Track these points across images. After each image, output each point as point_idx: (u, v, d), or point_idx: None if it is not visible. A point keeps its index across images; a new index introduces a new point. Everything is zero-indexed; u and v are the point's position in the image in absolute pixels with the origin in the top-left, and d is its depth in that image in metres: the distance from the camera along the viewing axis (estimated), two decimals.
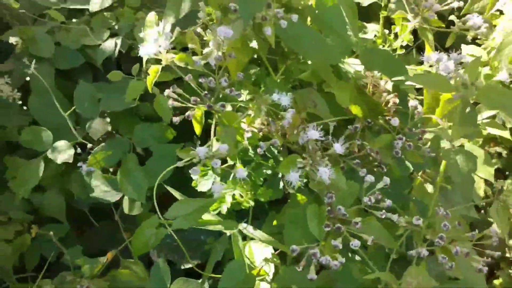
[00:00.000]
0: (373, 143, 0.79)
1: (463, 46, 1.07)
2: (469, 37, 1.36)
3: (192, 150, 0.66)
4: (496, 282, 1.42)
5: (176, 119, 0.74)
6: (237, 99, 0.71)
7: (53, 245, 1.09)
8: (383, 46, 0.99)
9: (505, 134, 1.07)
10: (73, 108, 1.02)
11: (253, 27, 0.75)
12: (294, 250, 0.63)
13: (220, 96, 0.74)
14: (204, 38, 0.81)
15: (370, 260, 0.81)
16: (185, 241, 1.06)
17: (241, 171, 0.66)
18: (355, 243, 0.61)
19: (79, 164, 1.03)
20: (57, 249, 1.09)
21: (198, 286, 0.90)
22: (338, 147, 0.62)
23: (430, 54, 0.86)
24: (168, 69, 0.82)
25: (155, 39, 0.76)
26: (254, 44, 0.82)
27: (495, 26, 1.08)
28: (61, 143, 0.98)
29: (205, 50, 0.78)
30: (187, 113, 0.73)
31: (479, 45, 1.01)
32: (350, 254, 0.80)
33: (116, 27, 1.10)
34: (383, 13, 1.01)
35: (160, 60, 0.79)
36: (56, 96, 1.05)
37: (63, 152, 0.97)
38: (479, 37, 1.07)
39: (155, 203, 0.69)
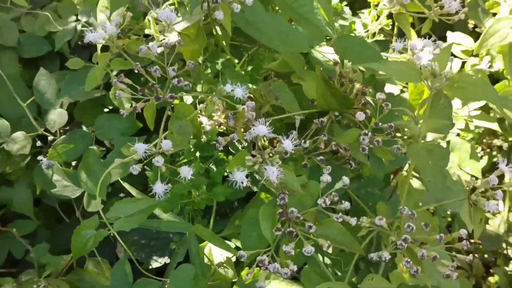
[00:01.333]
0: (340, 138, 0.73)
1: (449, 33, 1.01)
2: (470, 25, 1.29)
3: (131, 146, 0.60)
4: (492, 279, 1.36)
5: (123, 112, 0.69)
6: (185, 90, 0.66)
7: (21, 242, 1.05)
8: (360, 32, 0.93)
9: (494, 126, 1.01)
10: (32, 98, 0.97)
11: (209, 13, 0.69)
12: (242, 255, 0.58)
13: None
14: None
15: (337, 264, 0.76)
16: (154, 239, 1.03)
17: (186, 171, 0.60)
18: (308, 249, 0.56)
19: (39, 157, 0.98)
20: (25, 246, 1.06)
21: (158, 286, 0.86)
22: (288, 144, 0.56)
23: (396, 42, 0.80)
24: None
25: (103, 24, 0.70)
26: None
27: (495, 14, 1.02)
28: (18, 135, 0.93)
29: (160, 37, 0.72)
30: (134, 105, 0.67)
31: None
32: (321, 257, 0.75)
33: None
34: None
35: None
36: (19, 86, 1.00)
37: (19, 144, 0.92)
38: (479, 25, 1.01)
39: (98, 202, 0.64)
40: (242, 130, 0.74)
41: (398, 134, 0.80)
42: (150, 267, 1.00)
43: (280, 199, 0.57)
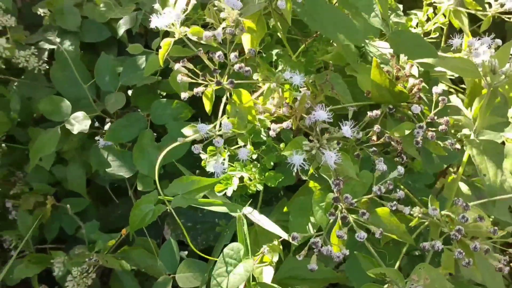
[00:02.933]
0: (393, 131, 0.74)
1: None
2: None
3: (195, 127, 0.63)
4: None
5: (185, 95, 0.71)
6: (245, 76, 0.68)
7: (72, 218, 1.09)
8: (419, 29, 0.93)
9: None
10: (93, 80, 1.02)
11: (271, 3, 0.71)
12: (295, 237, 0.60)
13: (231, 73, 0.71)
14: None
15: (385, 253, 0.77)
16: (200, 222, 1.06)
17: (244, 152, 0.62)
18: (360, 235, 0.57)
19: (96, 138, 1.02)
20: (76, 223, 1.10)
21: (204, 268, 0.89)
22: (347, 130, 0.57)
23: (454, 39, 0.80)
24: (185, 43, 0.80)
25: (168, 11, 0.73)
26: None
27: None
28: (79, 114, 0.97)
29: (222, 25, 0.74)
30: (195, 90, 0.70)
31: None
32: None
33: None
34: None
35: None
36: (79, 69, 1.05)
37: (79, 123, 0.96)
38: None
39: (156, 178, 0.67)
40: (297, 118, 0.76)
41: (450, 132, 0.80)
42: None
43: (335, 184, 0.58)
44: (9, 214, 1.13)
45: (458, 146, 0.71)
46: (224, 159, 0.69)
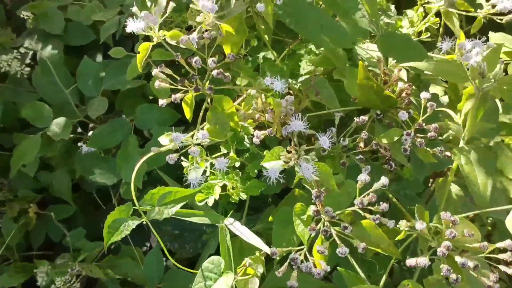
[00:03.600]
0: (381, 137, 0.71)
1: (491, 33, 0.96)
2: None
3: (170, 135, 0.60)
4: None
5: (162, 102, 0.69)
6: (225, 82, 0.65)
7: (58, 226, 1.07)
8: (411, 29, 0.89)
9: None
10: (75, 85, 0.99)
11: (251, 6, 0.68)
12: (274, 253, 0.57)
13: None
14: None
15: (375, 263, 0.74)
16: (188, 230, 1.03)
17: (221, 162, 0.60)
18: (342, 250, 0.54)
19: (79, 144, 1.00)
20: (62, 230, 1.08)
21: (189, 278, 0.86)
22: (324, 141, 0.54)
23: (444, 42, 0.77)
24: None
25: (145, 14, 0.70)
26: None
27: None
28: (60, 120, 0.95)
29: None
30: (173, 96, 0.67)
31: None
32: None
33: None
34: None
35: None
36: (62, 74, 1.03)
37: (60, 129, 0.93)
38: None
39: (133, 189, 0.64)
40: (279, 124, 0.74)
41: (439, 138, 0.77)
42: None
43: (316, 197, 0.55)
44: None
45: (448, 153, 0.68)
46: (203, 170, 0.67)
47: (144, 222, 0.64)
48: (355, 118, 0.72)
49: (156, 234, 0.65)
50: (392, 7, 0.99)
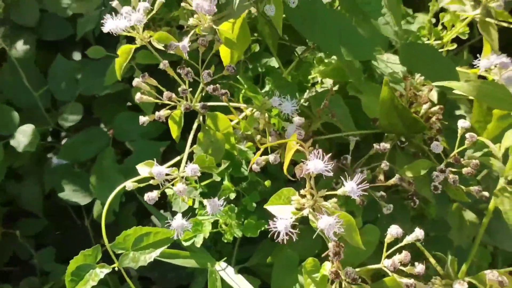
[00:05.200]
0: (405, 169, 0.59)
1: None
2: None
3: (153, 164, 0.48)
4: None
5: (143, 120, 0.56)
6: (220, 100, 0.53)
7: (27, 242, 0.95)
8: (428, 39, 0.78)
9: None
10: (46, 87, 0.86)
11: (257, 6, 0.56)
12: None
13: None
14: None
15: None
16: None
17: (214, 206, 0.47)
18: None
19: (49, 155, 0.87)
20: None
21: None
22: (352, 188, 0.42)
23: (490, 56, 0.65)
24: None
25: (127, 11, 0.57)
26: None
27: None
28: (26, 128, 0.82)
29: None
30: (157, 114, 0.55)
31: None
32: None
33: None
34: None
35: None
36: (32, 73, 0.89)
37: (26, 138, 0.80)
38: None
39: (103, 228, 0.52)
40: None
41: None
42: None
43: (334, 254, 0.44)
44: None
45: (486, 194, 0.57)
46: (194, 205, 0.55)
47: (116, 269, 0.52)
48: (374, 144, 0.61)
49: (130, 282, 0.53)
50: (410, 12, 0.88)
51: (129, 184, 0.49)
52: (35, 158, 0.94)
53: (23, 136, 0.81)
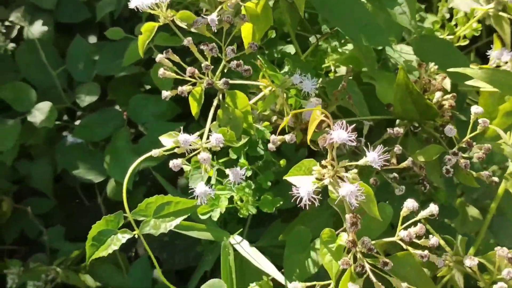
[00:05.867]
0: (417, 154, 0.61)
1: None
2: None
3: (176, 135, 0.50)
4: None
5: (166, 94, 0.58)
6: (243, 76, 0.55)
7: (35, 222, 0.96)
8: (441, 34, 0.80)
9: None
10: (63, 67, 0.88)
11: None
12: (295, 287, 0.47)
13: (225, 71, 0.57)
14: None
15: None
16: (179, 237, 0.92)
17: (237, 174, 0.49)
18: None
19: (64, 133, 0.88)
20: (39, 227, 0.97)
21: None
22: (374, 158, 0.44)
23: (502, 50, 0.67)
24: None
25: None
26: None
27: None
28: (44, 105, 0.83)
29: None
30: (180, 89, 0.56)
31: None
32: None
33: None
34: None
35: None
36: (50, 53, 0.91)
37: (43, 115, 0.82)
38: None
39: (124, 197, 0.53)
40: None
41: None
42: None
43: (351, 224, 0.45)
44: None
45: (496, 179, 0.59)
46: (211, 182, 0.56)
47: (136, 236, 0.53)
48: (388, 129, 0.62)
49: (148, 247, 0.54)
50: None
51: (155, 151, 0.50)
52: (48, 138, 0.96)
53: (40, 113, 0.83)
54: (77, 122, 0.90)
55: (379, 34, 0.63)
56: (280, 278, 0.54)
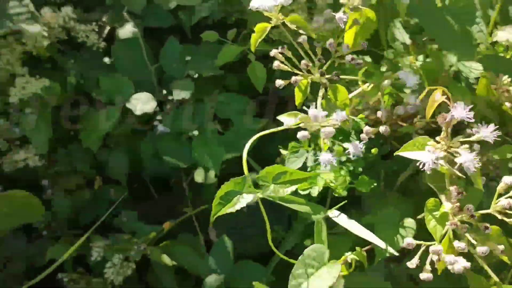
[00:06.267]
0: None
1: None
2: None
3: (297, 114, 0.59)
4: None
5: (281, 83, 0.67)
6: (356, 70, 0.64)
7: (110, 205, 1.04)
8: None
9: None
10: (157, 64, 0.98)
11: None
12: (410, 243, 0.55)
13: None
14: None
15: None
16: (249, 225, 1.00)
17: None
18: (483, 249, 0.52)
19: (155, 123, 0.98)
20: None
21: (263, 271, 0.83)
22: (487, 132, 0.52)
23: None
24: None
25: None
26: None
27: None
28: (142, 95, 0.93)
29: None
30: (293, 78, 0.65)
31: None
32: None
33: None
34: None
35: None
36: (147, 50, 1.01)
37: (143, 104, 0.91)
38: None
39: (245, 164, 0.61)
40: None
41: None
42: None
43: (458, 193, 0.54)
44: (44, 193, 1.06)
45: None
46: (332, 152, 0.64)
47: (258, 199, 0.61)
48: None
49: (264, 212, 0.62)
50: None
51: (291, 121, 0.59)
52: (129, 130, 1.04)
53: (139, 102, 0.92)
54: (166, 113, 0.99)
55: (466, 47, 0.72)
56: (382, 245, 0.62)
